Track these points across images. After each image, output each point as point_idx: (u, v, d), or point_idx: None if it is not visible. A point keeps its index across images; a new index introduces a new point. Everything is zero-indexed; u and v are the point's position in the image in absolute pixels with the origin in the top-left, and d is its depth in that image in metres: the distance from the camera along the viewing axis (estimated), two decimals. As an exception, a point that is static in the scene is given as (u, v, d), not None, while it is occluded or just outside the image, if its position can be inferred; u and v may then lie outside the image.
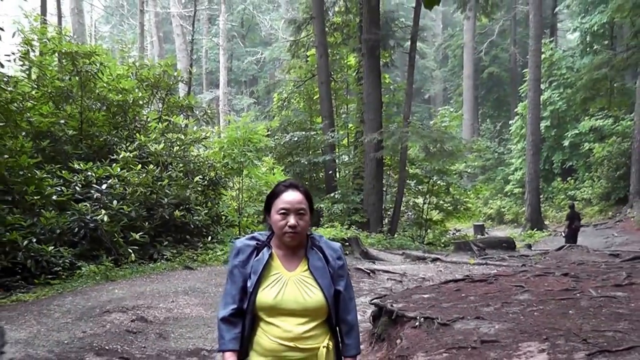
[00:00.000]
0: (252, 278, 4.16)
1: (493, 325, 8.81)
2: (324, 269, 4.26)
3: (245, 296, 4.20)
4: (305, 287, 4.16)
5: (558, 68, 51.09)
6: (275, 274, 4.20)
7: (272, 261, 4.25)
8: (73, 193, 18.69)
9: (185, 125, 26.01)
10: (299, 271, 4.23)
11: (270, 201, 4.32)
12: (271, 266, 4.23)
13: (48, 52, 23.00)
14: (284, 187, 4.31)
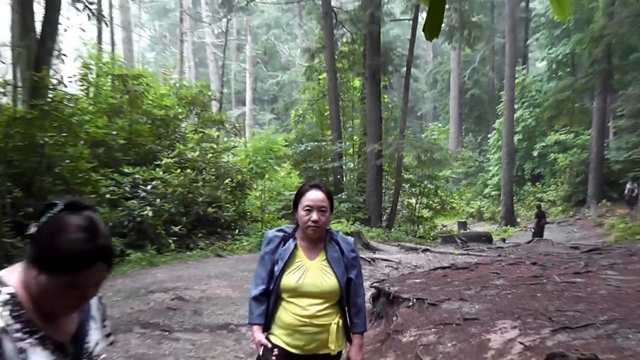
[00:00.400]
0: (279, 264, 4.29)
1: (474, 305, 8.80)
2: (339, 260, 4.37)
3: (272, 279, 4.32)
4: (323, 274, 4.29)
5: (529, 91, 51.13)
6: (299, 261, 4.32)
7: (297, 250, 4.36)
8: (123, 192, 18.76)
9: (217, 136, 26.03)
10: (319, 260, 4.35)
11: (297, 199, 4.41)
12: (295, 255, 4.34)
13: (103, 75, 23.12)
14: (309, 187, 4.42)
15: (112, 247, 2.19)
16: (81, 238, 2.00)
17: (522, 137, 50.07)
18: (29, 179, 15.42)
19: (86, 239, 2.01)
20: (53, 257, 1.99)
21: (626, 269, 12.08)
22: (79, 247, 1.99)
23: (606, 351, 6.00)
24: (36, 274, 2.02)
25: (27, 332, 2.04)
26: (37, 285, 2.03)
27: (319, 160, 32.66)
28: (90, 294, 2.16)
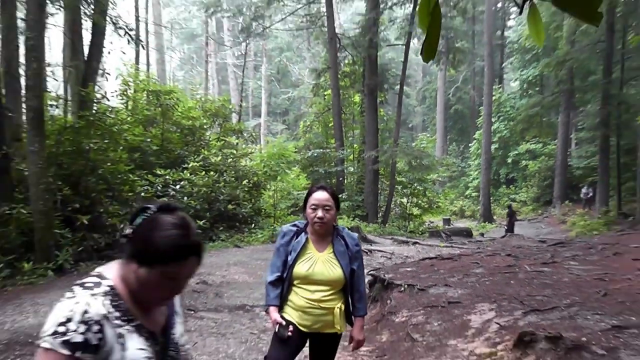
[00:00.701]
0: (292, 254, 4.37)
1: (457, 290, 8.80)
2: (344, 253, 4.44)
3: (285, 267, 4.40)
4: (330, 265, 4.36)
5: (504, 107, 51.31)
6: (309, 253, 4.40)
7: (307, 244, 4.44)
8: (155, 191, 18.86)
9: (236, 143, 26.03)
10: (326, 253, 4.42)
11: (306, 198, 4.46)
12: (306, 247, 4.42)
13: (140, 90, 23.23)
14: (316, 188, 4.47)
15: (203, 244, 2.20)
16: (176, 234, 2.05)
17: (498, 146, 50.18)
18: (76, 179, 15.46)
19: (181, 235, 2.05)
20: (151, 251, 2.03)
21: (585, 259, 12.12)
22: (175, 242, 2.03)
23: (569, 330, 6.02)
24: (135, 267, 2.06)
25: (125, 320, 2.08)
26: (136, 278, 2.07)
27: (324, 165, 32.66)
28: (182, 287, 2.18)
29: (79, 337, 1.87)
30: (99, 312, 1.96)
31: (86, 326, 1.90)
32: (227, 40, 56.96)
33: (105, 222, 15.57)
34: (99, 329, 1.93)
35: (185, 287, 2.18)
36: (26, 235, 13.01)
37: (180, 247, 2.04)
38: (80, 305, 1.93)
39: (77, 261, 13.67)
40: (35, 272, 12.09)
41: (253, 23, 32.84)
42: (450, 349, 6.68)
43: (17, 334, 7.90)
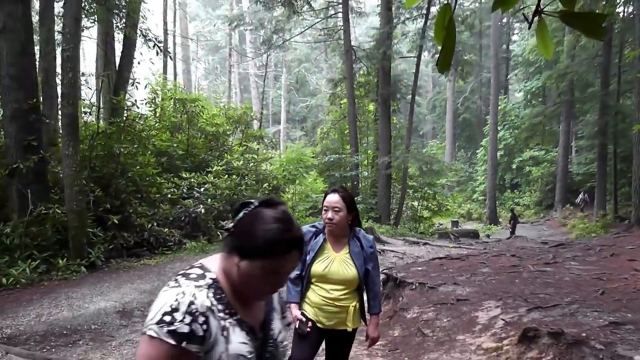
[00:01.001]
0: (310, 254, 4.35)
1: (465, 288, 8.81)
2: (359, 254, 4.40)
3: (304, 266, 4.38)
4: (345, 265, 4.34)
5: (509, 116, 51.31)
6: (326, 253, 4.39)
7: (325, 244, 4.42)
8: (181, 193, 18.89)
9: (257, 148, 26.09)
10: (342, 253, 4.39)
11: (323, 201, 4.44)
12: (324, 247, 4.40)
13: (167, 98, 23.33)
14: (330, 192, 4.46)
15: (304, 238, 2.12)
16: (278, 228, 1.99)
17: (503, 152, 50.15)
18: (107, 181, 15.57)
19: (282, 229, 2.00)
20: (253, 244, 1.97)
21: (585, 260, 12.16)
22: (276, 236, 1.97)
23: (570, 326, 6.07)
24: (237, 261, 2.01)
25: (228, 313, 2.04)
26: (237, 272, 2.02)
27: (340, 170, 32.66)
28: (284, 281, 2.12)
29: (186, 327, 1.85)
30: (204, 304, 1.93)
31: (192, 317, 1.87)
32: (249, 52, 57.17)
33: (134, 222, 15.70)
34: (204, 320, 1.90)
35: (286, 282, 2.13)
36: (61, 233, 13.12)
37: (281, 241, 1.99)
38: (187, 296, 1.90)
39: (107, 258, 13.75)
40: (69, 268, 12.18)
41: (274, 36, 32.89)
42: (459, 344, 6.69)
43: (52, 326, 7.96)
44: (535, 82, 46.70)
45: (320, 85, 61.51)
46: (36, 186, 12.88)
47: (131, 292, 10.12)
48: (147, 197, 17.26)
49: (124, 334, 7.72)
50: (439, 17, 1.90)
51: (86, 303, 9.27)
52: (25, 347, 7.04)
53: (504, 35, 59.24)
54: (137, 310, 8.99)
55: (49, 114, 14.76)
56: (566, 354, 5.48)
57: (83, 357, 6.73)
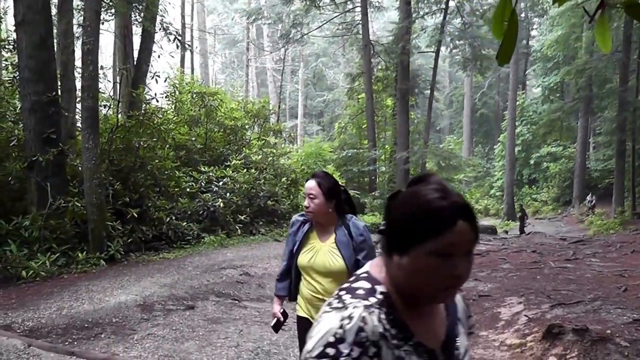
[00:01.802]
0: (297, 245, 4.14)
1: (486, 284, 8.79)
2: (347, 243, 4.00)
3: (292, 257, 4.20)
4: (331, 256, 3.99)
5: (527, 111, 51.04)
6: (312, 243, 4.11)
7: (311, 233, 4.14)
8: (200, 187, 18.99)
9: (275, 143, 26.12)
10: (328, 243, 4.04)
11: None
12: (309, 237, 4.14)
13: (185, 92, 23.30)
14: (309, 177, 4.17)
15: (471, 206, 1.62)
16: (434, 197, 1.57)
17: (521, 148, 49.85)
18: (126, 175, 15.63)
19: (439, 196, 1.56)
20: (409, 228, 1.57)
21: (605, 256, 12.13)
22: (434, 205, 1.55)
23: (593, 323, 6.05)
24: (397, 260, 1.61)
25: (403, 338, 1.63)
26: (402, 274, 1.61)
27: (357, 164, 32.63)
28: (463, 269, 1.58)
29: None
30: (376, 330, 1.57)
31: (361, 349, 1.52)
32: (266, 46, 57.09)
33: (153, 216, 15.76)
34: (375, 352, 1.55)
35: (469, 272, 1.63)
36: (79, 226, 13.18)
37: (441, 211, 1.55)
38: (354, 322, 1.54)
39: (126, 252, 13.82)
40: (89, 261, 12.24)
41: (292, 30, 32.88)
42: (482, 340, 6.66)
43: (73, 319, 7.99)
44: (553, 78, 46.41)
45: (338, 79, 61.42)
46: (55, 179, 12.93)
47: (151, 286, 10.15)
48: (165, 191, 17.32)
49: (145, 327, 7.72)
50: (498, 10, 1.86)
51: (107, 296, 9.30)
52: (47, 339, 7.07)
53: (523, 30, 58.78)
54: (158, 304, 9.01)
55: (67, 107, 14.79)
56: (591, 351, 5.45)
57: (105, 350, 6.75)
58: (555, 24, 43.32)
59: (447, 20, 30.24)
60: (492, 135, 62.87)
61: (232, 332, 7.59)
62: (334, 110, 59.09)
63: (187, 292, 9.86)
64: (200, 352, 6.74)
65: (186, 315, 8.45)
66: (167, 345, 6.95)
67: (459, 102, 64.47)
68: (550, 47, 43.53)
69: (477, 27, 32.50)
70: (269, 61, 59.52)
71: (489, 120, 64.62)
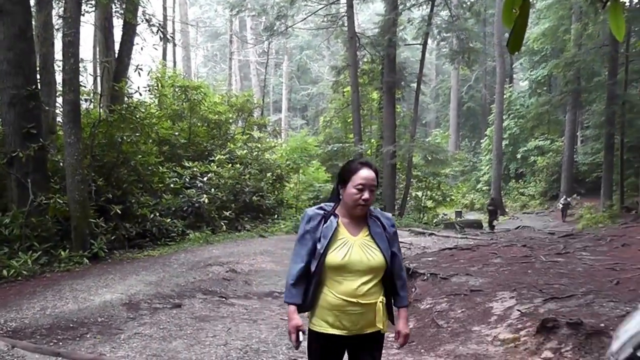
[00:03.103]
0: (322, 242, 3.48)
1: (478, 279, 8.82)
2: (382, 234, 3.59)
3: (313, 257, 3.52)
4: (368, 250, 3.48)
5: (514, 105, 51.36)
6: (342, 238, 3.50)
7: (339, 228, 3.55)
8: (184, 183, 19.01)
9: (260, 137, 26.13)
10: (362, 236, 3.54)
11: (348, 176, 3.52)
12: (338, 232, 3.52)
13: (167, 86, 23.24)
14: (360, 165, 3.55)
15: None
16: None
17: (508, 142, 50.10)
18: (109, 170, 15.58)
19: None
20: None
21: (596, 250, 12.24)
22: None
23: (587, 317, 6.10)
24: None
25: None
26: None
27: (343, 159, 32.64)
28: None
29: None
30: None
31: None
32: (249, 39, 57.06)
33: (136, 212, 15.73)
34: None
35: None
36: (61, 224, 13.12)
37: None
38: None
39: (110, 249, 13.76)
40: (72, 259, 12.16)
41: (276, 22, 32.80)
42: (475, 335, 6.69)
43: (58, 319, 7.94)
44: (540, 71, 46.76)
45: (322, 72, 61.55)
46: (36, 175, 12.83)
47: (137, 284, 10.11)
48: (149, 187, 17.30)
49: (132, 326, 7.68)
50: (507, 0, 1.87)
51: (91, 295, 9.25)
52: (31, 340, 7.01)
53: (509, 22, 59.19)
54: (144, 302, 8.97)
55: (47, 101, 14.72)
56: (586, 344, 5.51)
57: (92, 350, 6.70)
58: (542, 17, 43.57)
59: (434, 13, 30.27)
60: (479, 129, 63.21)
61: (220, 330, 7.58)
62: (318, 104, 59.19)
63: (174, 290, 9.84)
64: (188, 350, 6.71)
65: (173, 313, 8.42)
66: (154, 344, 6.92)
67: (446, 96, 64.78)
68: (538, 40, 43.79)
69: (464, 20, 32.59)
70: (252, 54, 59.51)
71: (476, 114, 64.93)
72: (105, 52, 20.09)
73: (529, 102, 49.48)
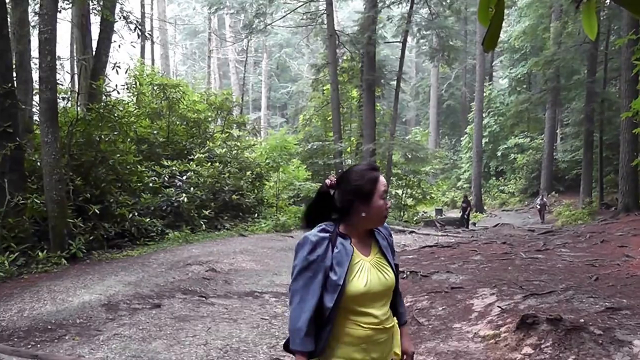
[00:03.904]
0: (338, 271, 2.85)
1: (458, 276, 8.86)
2: (387, 247, 3.10)
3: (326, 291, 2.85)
4: (382, 269, 2.98)
5: (494, 103, 51.52)
6: (358, 262, 2.92)
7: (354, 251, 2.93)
8: (163, 182, 18.89)
9: (239, 135, 26.06)
10: (373, 255, 3.01)
11: (371, 187, 2.93)
12: (353, 256, 2.91)
13: (146, 84, 23.12)
14: (374, 171, 3.02)
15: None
16: None
17: (488, 140, 50.22)
18: (87, 170, 15.47)
19: None
20: None
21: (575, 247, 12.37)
22: None
23: (567, 312, 6.17)
24: None
25: None
26: None
27: (323, 157, 32.73)
28: None
29: None
30: None
31: None
32: (228, 37, 56.84)
33: (115, 212, 15.61)
34: None
35: None
36: (39, 224, 13.05)
37: None
38: None
39: (88, 250, 13.66)
40: (50, 260, 12.08)
41: (255, 20, 32.74)
42: (456, 332, 6.72)
43: (36, 321, 7.90)
44: (520, 69, 46.89)
45: (302, 71, 61.57)
46: (13, 175, 12.72)
47: (116, 285, 10.07)
48: (127, 186, 17.22)
49: (111, 327, 7.64)
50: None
51: (70, 297, 9.20)
52: (8, 343, 6.98)
53: (489, 20, 59.33)
54: (123, 303, 8.94)
55: (24, 99, 14.56)
56: (565, 340, 5.55)
57: (71, 352, 6.67)
58: (523, 15, 43.79)
59: (414, 10, 30.37)
60: (459, 127, 63.35)
61: (200, 330, 7.56)
62: (298, 102, 59.20)
63: (153, 290, 9.80)
64: (168, 351, 6.69)
65: (152, 313, 8.39)
66: (134, 345, 6.89)
67: (426, 94, 64.85)
68: (518, 38, 44.01)
69: (444, 18, 32.72)
70: (231, 52, 59.35)
71: (456, 112, 65.10)
72: (83, 49, 19.96)
73: (508, 99, 49.62)
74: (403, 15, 31.21)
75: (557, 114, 44.28)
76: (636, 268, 9.10)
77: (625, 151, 23.62)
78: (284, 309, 8.90)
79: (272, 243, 16.66)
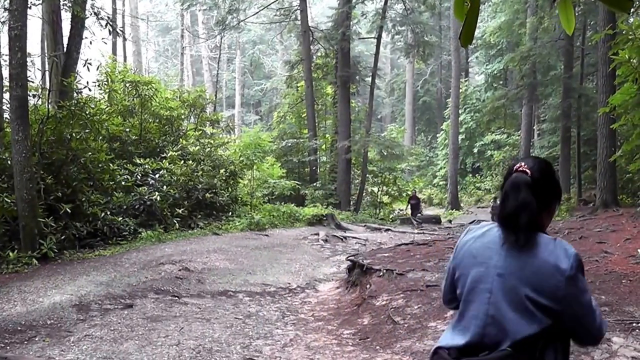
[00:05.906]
0: None
1: (434, 274, 8.85)
2: None
3: None
4: None
5: (470, 99, 51.72)
6: None
7: None
8: (135, 180, 18.73)
9: (212, 133, 25.93)
10: None
11: (559, 191, 2.59)
12: None
13: (118, 81, 22.94)
14: None
15: None
16: None
17: (464, 136, 50.43)
18: (58, 168, 15.33)
19: None
20: None
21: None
22: None
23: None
24: None
25: None
26: None
27: (298, 155, 32.74)
28: None
29: None
30: None
31: None
32: (201, 33, 56.63)
33: (87, 211, 15.47)
34: None
35: None
36: (9, 224, 12.92)
37: None
38: None
39: (60, 250, 13.55)
40: (20, 260, 11.99)
41: (228, 16, 32.65)
42: (431, 330, 6.71)
43: (5, 322, 7.81)
44: (496, 65, 47.15)
45: (276, 67, 61.51)
46: (-18, 174, 12.64)
47: (87, 285, 9.99)
48: (99, 185, 17.07)
49: (82, 328, 7.58)
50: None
51: (40, 297, 9.13)
52: (-23, 343, 6.91)
53: (464, 16, 59.50)
54: (95, 303, 8.88)
55: (-7, 97, 14.46)
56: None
57: (40, 354, 6.61)
58: (498, 10, 43.91)
59: (388, 6, 30.44)
60: (434, 124, 63.52)
61: (173, 330, 7.52)
62: (272, 99, 58.92)
63: (125, 290, 9.73)
64: (140, 352, 6.65)
65: (124, 314, 8.34)
66: (105, 346, 6.84)
67: (401, 90, 64.85)
68: (494, 34, 44.05)
69: (419, 13, 32.84)
70: (204, 49, 59.11)
71: (432, 108, 65.22)
72: (54, 46, 19.75)
73: (485, 96, 49.76)
74: (377, 11, 31.26)
75: (533, 110, 44.27)
76: (615, 264, 9.14)
77: (603, 147, 23.73)
78: (257, 309, 8.89)
79: (247, 242, 16.59)
